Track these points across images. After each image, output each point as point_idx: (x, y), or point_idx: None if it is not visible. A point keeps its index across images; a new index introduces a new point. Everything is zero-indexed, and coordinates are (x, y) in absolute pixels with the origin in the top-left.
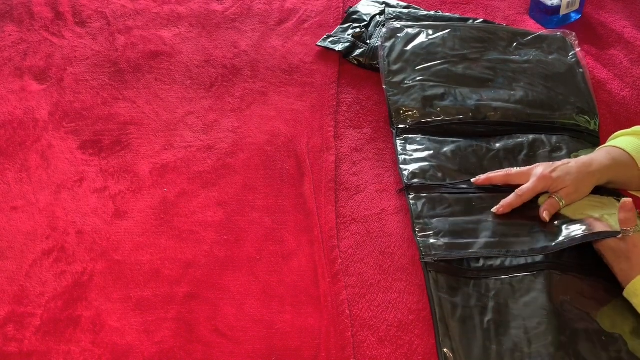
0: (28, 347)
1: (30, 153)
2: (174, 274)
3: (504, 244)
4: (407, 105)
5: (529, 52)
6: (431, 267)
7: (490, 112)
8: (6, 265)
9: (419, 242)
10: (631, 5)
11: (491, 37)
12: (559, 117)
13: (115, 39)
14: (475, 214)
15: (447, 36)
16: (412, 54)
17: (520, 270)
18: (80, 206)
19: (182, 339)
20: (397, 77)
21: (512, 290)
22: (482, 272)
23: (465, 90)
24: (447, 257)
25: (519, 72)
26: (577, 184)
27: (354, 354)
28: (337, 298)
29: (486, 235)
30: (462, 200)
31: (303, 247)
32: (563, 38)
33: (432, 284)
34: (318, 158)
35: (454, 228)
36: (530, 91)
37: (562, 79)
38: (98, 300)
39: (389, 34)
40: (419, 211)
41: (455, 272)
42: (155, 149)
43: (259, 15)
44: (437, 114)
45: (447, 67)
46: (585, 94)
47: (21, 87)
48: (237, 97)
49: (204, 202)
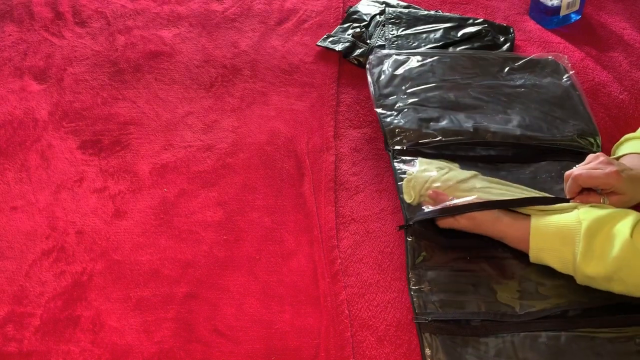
0: (28, 347)
1: (30, 153)
2: (173, 273)
3: (498, 306)
4: (402, 126)
5: (522, 76)
6: (425, 328)
7: (489, 134)
8: (6, 265)
9: (413, 298)
10: (631, 7)
11: (482, 63)
12: (560, 139)
13: (115, 39)
14: (475, 261)
15: (436, 63)
16: (402, 79)
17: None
18: (80, 206)
19: (182, 338)
20: (389, 100)
21: (513, 350)
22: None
23: (460, 115)
24: (442, 317)
25: (513, 97)
26: (632, 196)
27: (353, 353)
28: (337, 298)
29: (483, 293)
30: (462, 247)
31: (302, 247)
32: (555, 62)
33: (427, 346)
34: (318, 158)
35: (450, 282)
36: (526, 116)
37: (558, 102)
38: (98, 300)
39: (376, 61)
40: (415, 260)
41: (451, 331)
42: (155, 149)
43: (259, 15)
44: (434, 135)
45: (439, 93)
46: (584, 116)
47: (21, 87)
48: (237, 97)
49: (203, 202)
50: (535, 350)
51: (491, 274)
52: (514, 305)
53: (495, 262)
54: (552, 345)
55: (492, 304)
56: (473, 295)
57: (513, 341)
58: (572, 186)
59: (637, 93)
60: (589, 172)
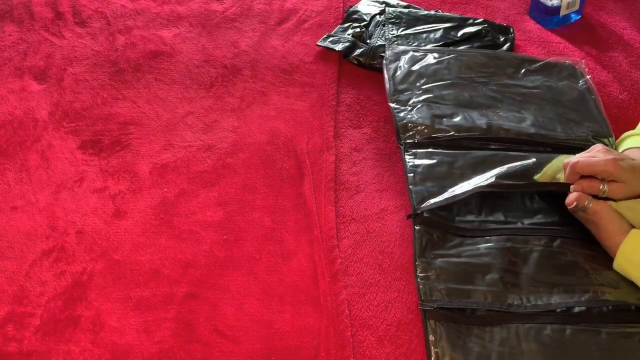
0: (28, 347)
1: (30, 153)
2: (173, 273)
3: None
4: (415, 121)
5: (538, 78)
6: (430, 315)
7: (502, 131)
8: (6, 265)
9: (419, 285)
10: (631, 7)
11: (498, 62)
12: (574, 138)
13: (115, 38)
14: (483, 251)
15: (453, 61)
16: (418, 75)
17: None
18: (80, 206)
19: (182, 338)
20: (403, 96)
21: (517, 340)
22: (485, 318)
23: (473, 113)
24: (448, 305)
25: (528, 97)
26: (634, 185)
27: (353, 353)
28: (337, 297)
29: (491, 283)
30: (471, 236)
31: (303, 247)
32: (572, 66)
33: (430, 333)
34: (318, 158)
35: (457, 270)
36: (540, 116)
37: (573, 105)
38: (98, 300)
39: (393, 57)
40: (422, 248)
41: (456, 319)
42: (155, 149)
43: (259, 15)
44: (447, 130)
45: (454, 91)
46: (599, 120)
47: (21, 87)
48: (237, 97)
49: (203, 202)
50: (539, 342)
51: (499, 264)
52: (521, 297)
53: (504, 252)
54: (556, 338)
55: (499, 295)
56: (480, 285)
57: (517, 332)
58: (571, 173)
59: (637, 93)
60: (587, 160)
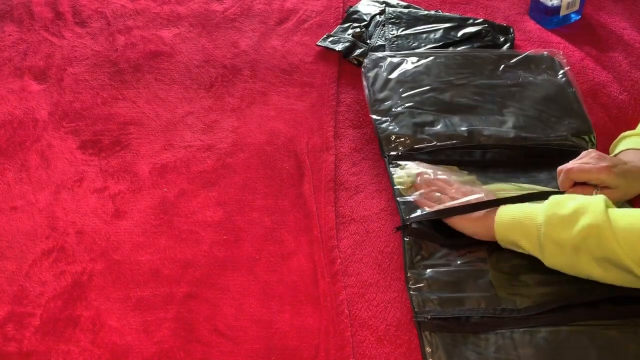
0: (27, 347)
1: (30, 153)
2: (173, 273)
3: (499, 301)
4: (398, 132)
5: (517, 73)
6: (425, 327)
7: (483, 137)
8: (6, 265)
9: (412, 297)
10: (631, 7)
11: (477, 61)
12: (554, 139)
13: (115, 39)
14: (473, 258)
15: (431, 64)
16: (397, 82)
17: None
18: (80, 206)
19: (182, 338)
20: (384, 105)
21: (513, 346)
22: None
23: (454, 119)
24: (441, 315)
25: (508, 97)
26: (626, 190)
27: (353, 353)
28: (336, 298)
29: (483, 289)
30: (460, 245)
31: (302, 247)
32: (551, 57)
33: (427, 344)
34: (318, 158)
35: (449, 279)
36: (521, 116)
37: (553, 100)
38: (97, 300)
39: (371, 64)
40: (413, 259)
41: (451, 329)
42: (155, 149)
43: (259, 15)
44: (429, 140)
45: (434, 95)
46: (579, 113)
47: (21, 87)
48: (237, 97)
49: (203, 202)
50: (535, 345)
51: (489, 270)
52: (514, 300)
53: (494, 257)
54: (551, 340)
55: (492, 300)
56: (472, 292)
57: (513, 337)
58: (565, 180)
59: (637, 93)
60: (580, 166)
